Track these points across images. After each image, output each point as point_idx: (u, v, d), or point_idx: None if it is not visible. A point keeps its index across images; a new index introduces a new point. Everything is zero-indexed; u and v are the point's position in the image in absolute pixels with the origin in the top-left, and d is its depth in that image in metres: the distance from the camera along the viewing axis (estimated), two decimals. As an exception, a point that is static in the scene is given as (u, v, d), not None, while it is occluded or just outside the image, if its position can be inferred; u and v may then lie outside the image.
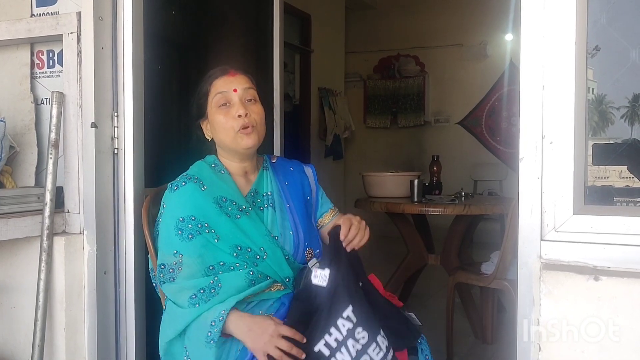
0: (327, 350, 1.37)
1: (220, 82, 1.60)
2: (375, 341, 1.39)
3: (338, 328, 1.38)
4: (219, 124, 1.58)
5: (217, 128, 1.60)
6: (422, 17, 6.85)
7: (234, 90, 1.58)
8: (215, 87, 1.60)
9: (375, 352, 1.39)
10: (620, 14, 1.46)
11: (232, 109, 1.57)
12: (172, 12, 2.27)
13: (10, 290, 1.84)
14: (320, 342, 1.37)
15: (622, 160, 2.10)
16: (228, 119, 1.57)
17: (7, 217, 1.66)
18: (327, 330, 1.38)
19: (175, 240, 1.49)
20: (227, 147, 1.61)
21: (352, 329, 1.38)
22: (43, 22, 1.85)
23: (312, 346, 1.37)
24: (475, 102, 6.05)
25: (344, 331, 1.38)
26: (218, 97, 1.58)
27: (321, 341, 1.37)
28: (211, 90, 1.60)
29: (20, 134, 1.93)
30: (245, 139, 1.57)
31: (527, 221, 1.33)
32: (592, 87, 1.81)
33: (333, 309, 1.40)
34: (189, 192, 1.54)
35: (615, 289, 1.21)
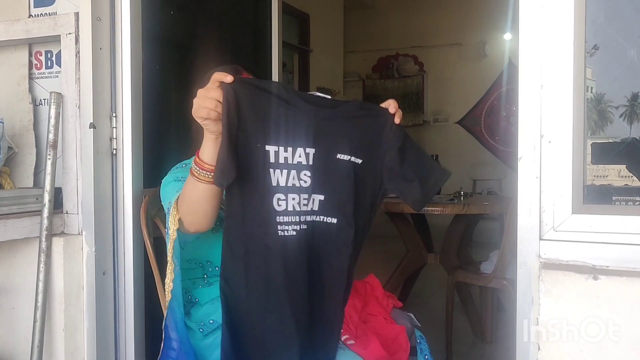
0: (274, 158, 1.28)
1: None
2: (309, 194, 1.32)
3: (294, 153, 1.30)
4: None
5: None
6: (421, 16, 6.85)
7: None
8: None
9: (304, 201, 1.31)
10: (619, 12, 1.46)
11: None
12: (171, 12, 2.27)
13: (9, 291, 1.84)
14: (273, 146, 1.28)
15: (621, 159, 2.10)
16: None
17: (6, 218, 1.66)
18: (285, 145, 1.29)
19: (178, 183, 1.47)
20: None
21: (302, 166, 1.31)
22: (41, 22, 1.85)
23: (265, 143, 1.27)
24: (474, 101, 6.06)
25: (296, 160, 1.30)
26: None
27: (274, 146, 1.28)
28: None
29: (18, 134, 1.93)
30: None
31: (526, 220, 1.33)
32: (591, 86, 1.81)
33: (306, 134, 1.31)
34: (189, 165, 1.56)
35: (614, 288, 1.22)
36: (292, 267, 1.31)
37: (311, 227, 1.33)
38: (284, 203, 1.29)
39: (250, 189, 1.27)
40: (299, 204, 1.31)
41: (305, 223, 1.32)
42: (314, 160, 1.32)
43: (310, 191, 1.32)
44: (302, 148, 1.30)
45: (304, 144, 1.31)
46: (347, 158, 1.34)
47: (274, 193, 1.28)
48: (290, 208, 1.30)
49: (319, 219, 1.34)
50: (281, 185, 1.29)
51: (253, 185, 1.27)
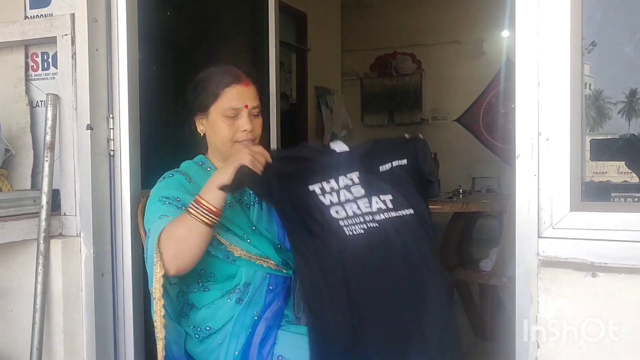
0: (320, 191, 1.40)
1: (234, 92, 1.56)
2: (369, 198, 1.39)
3: (338, 181, 1.40)
4: (221, 131, 1.58)
5: (216, 133, 1.59)
6: (419, 14, 6.84)
7: (245, 107, 1.57)
8: (228, 98, 1.56)
9: (364, 205, 1.39)
10: (615, 9, 1.46)
11: (238, 121, 1.57)
12: (167, 13, 2.27)
13: (8, 293, 1.84)
14: (316, 185, 1.41)
15: (619, 155, 2.10)
16: (232, 130, 1.57)
17: (4, 220, 1.65)
18: (327, 179, 1.41)
19: (163, 207, 1.48)
20: (221, 151, 1.62)
21: (350, 185, 1.40)
22: (37, 24, 1.85)
23: (307, 185, 1.40)
24: (472, 99, 6.05)
25: (342, 184, 1.40)
26: (229, 111, 1.56)
27: (317, 184, 1.41)
28: (222, 97, 1.56)
29: (15, 136, 1.93)
30: None
31: (524, 218, 1.32)
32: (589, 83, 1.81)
33: (341, 167, 1.41)
34: (176, 180, 1.57)
35: (612, 285, 1.21)
36: (374, 263, 1.37)
37: (385, 224, 1.38)
38: (343, 211, 1.39)
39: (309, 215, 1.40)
40: (359, 208, 1.39)
41: (375, 222, 1.38)
42: (360, 179, 1.40)
43: (368, 195, 1.39)
44: (344, 175, 1.41)
45: (345, 172, 1.41)
46: (389, 166, 1.42)
47: (330, 207, 1.40)
48: (350, 213, 1.39)
49: (399, 213, 1.38)
50: (334, 202, 1.40)
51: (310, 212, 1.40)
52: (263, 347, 1.49)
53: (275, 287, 1.59)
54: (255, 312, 1.55)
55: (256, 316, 1.54)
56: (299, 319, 1.57)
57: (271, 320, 1.54)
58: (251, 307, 1.55)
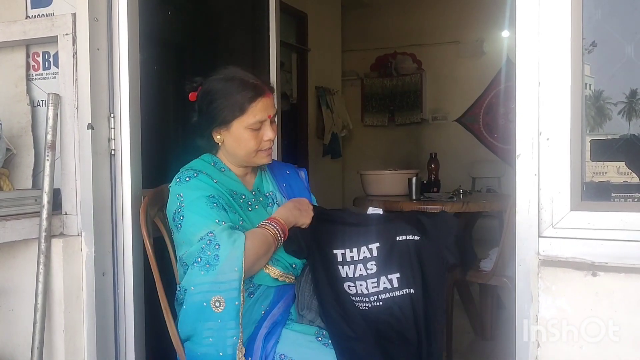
0: (341, 258, 1.63)
1: (259, 106, 1.58)
2: (377, 278, 1.60)
3: (359, 251, 1.63)
4: (247, 144, 1.60)
5: (242, 145, 1.61)
6: (419, 14, 6.84)
7: (269, 117, 1.60)
8: (254, 111, 1.57)
9: (372, 285, 1.60)
10: (616, 9, 1.46)
11: (262, 131, 1.60)
12: (168, 13, 2.27)
13: (9, 293, 1.84)
14: (339, 250, 1.63)
15: (619, 155, 2.10)
16: (257, 142, 1.60)
17: (5, 219, 1.65)
18: (350, 247, 1.63)
19: (214, 211, 1.50)
20: (243, 160, 1.64)
21: (367, 258, 1.62)
22: (38, 23, 1.85)
23: (332, 248, 1.64)
24: (472, 99, 6.06)
25: (362, 256, 1.62)
26: (255, 124, 1.58)
27: (341, 250, 1.64)
28: (248, 111, 1.57)
29: (16, 136, 1.93)
30: (266, 158, 1.66)
31: (525, 218, 1.33)
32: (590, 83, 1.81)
33: (367, 235, 1.64)
34: (205, 181, 1.58)
35: (613, 284, 1.22)
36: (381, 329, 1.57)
37: (390, 301, 1.59)
38: (354, 288, 1.61)
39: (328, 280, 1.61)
40: (367, 288, 1.60)
41: (380, 301, 1.59)
42: (378, 251, 1.63)
43: (377, 274, 1.61)
44: (366, 246, 1.63)
45: (367, 242, 1.64)
46: (404, 238, 1.63)
47: (344, 282, 1.62)
48: (359, 292, 1.60)
49: (401, 292, 1.59)
50: (349, 277, 1.62)
51: (330, 278, 1.61)
52: (267, 342, 1.50)
53: (285, 286, 1.62)
54: (264, 307, 1.57)
55: (264, 311, 1.56)
56: (302, 316, 1.58)
57: (278, 317, 1.56)
58: (260, 302, 1.57)
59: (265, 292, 1.59)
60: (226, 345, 1.43)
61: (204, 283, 1.43)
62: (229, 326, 1.42)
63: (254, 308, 1.56)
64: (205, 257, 1.43)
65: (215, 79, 1.62)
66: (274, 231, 1.53)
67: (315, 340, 1.52)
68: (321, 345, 1.50)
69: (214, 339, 1.43)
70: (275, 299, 1.60)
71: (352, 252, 1.63)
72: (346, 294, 1.61)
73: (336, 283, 1.61)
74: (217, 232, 1.45)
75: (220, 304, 1.42)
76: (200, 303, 1.43)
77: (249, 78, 1.60)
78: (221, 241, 1.44)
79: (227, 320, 1.42)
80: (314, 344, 1.50)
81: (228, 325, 1.42)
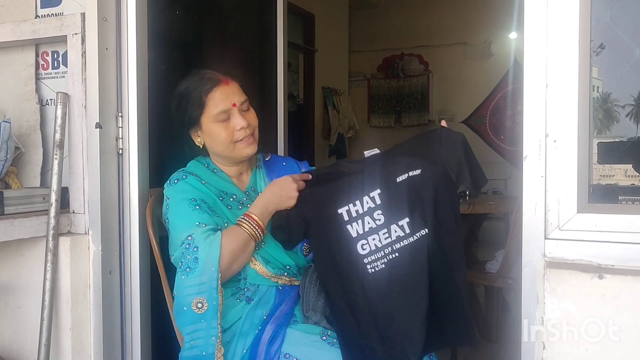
0: (347, 216, 1.53)
1: (218, 95, 1.58)
2: (387, 227, 1.50)
3: (362, 203, 1.53)
4: (219, 137, 1.60)
5: (215, 140, 1.62)
6: (426, 15, 6.83)
7: (234, 105, 1.59)
8: (214, 102, 1.58)
9: (384, 236, 1.50)
10: (624, 11, 1.46)
11: (231, 121, 1.60)
12: (176, 13, 2.28)
13: (17, 290, 1.85)
14: (343, 207, 1.53)
15: (627, 158, 2.09)
16: (229, 132, 1.60)
17: (13, 217, 1.67)
18: (353, 200, 1.53)
19: (195, 214, 1.51)
20: (225, 156, 1.64)
21: (372, 208, 1.52)
22: (47, 23, 1.86)
23: (337, 208, 1.54)
24: (479, 100, 6.03)
25: (366, 207, 1.52)
26: (220, 115, 1.58)
27: (345, 207, 1.54)
28: (208, 104, 1.59)
29: (25, 134, 1.94)
30: (247, 149, 1.63)
31: (531, 220, 1.32)
32: (597, 86, 1.81)
33: (367, 182, 1.54)
34: (192, 183, 1.60)
35: (619, 287, 1.21)
36: (396, 292, 1.48)
37: (407, 249, 1.48)
38: (367, 246, 1.51)
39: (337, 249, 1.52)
40: (380, 240, 1.50)
41: (397, 251, 1.49)
42: (381, 198, 1.52)
43: (386, 224, 1.50)
44: (367, 195, 1.53)
45: (368, 191, 1.53)
46: (405, 177, 1.51)
47: (357, 242, 1.51)
48: (373, 247, 1.50)
49: (415, 237, 1.48)
50: (360, 234, 1.51)
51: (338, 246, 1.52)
52: (271, 346, 1.50)
53: (284, 289, 1.61)
54: (265, 312, 1.56)
55: (265, 315, 1.55)
56: (308, 318, 1.58)
57: (281, 320, 1.55)
58: (260, 307, 1.56)
59: (265, 296, 1.58)
60: (209, 344, 1.44)
61: (186, 287, 1.44)
62: (212, 325, 1.44)
63: (254, 313, 1.55)
64: (186, 261, 1.45)
65: (178, 85, 1.66)
66: (249, 228, 1.51)
67: (320, 340, 1.51)
68: (326, 344, 1.49)
69: (199, 340, 1.44)
70: (277, 303, 1.59)
71: (356, 205, 1.53)
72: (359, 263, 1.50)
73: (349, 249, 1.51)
74: (195, 235, 1.47)
75: (202, 305, 1.43)
76: (181, 307, 1.45)
77: (204, 73, 1.63)
78: (199, 243, 1.45)
79: (210, 320, 1.44)
80: (318, 343, 1.50)
81: (212, 325, 1.44)
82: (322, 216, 1.55)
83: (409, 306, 1.46)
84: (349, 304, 1.50)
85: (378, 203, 1.52)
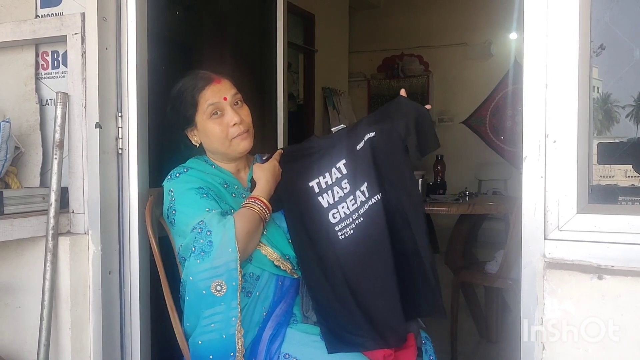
0: (317, 188, 1.62)
1: (209, 92, 1.62)
2: (353, 194, 1.57)
3: (331, 174, 1.61)
4: (214, 134, 1.62)
5: (211, 137, 1.64)
6: (426, 16, 6.84)
7: (224, 99, 1.62)
8: (205, 98, 1.62)
9: (351, 203, 1.57)
10: (624, 12, 1.46)
11: (225, 117, 1.62)
12: (176, 13, 2.28)
13: (16, 290, 1.85)
14: (314, 180, 1.63)
15: (627, 159, 2.09)
16: (223, 128, 1.62)
17: (13, 217, 1.67)
18: (323, 173, 1.63)
19: (204, 201, 1.53)
20: (222, 153, 1.67)
21: (340, 178, 1.60)
22: (47, 23, 1.86)
23: (308, 182, 1.63)
24: (479, 101, 6.03)
25: (334, 178, 1.61)
26: (210, 108, 1.61)
27: (315, 180, 1.63)
28: (200, 102, 1.62)
29: (25, 134, 1.94)
30: (243, 144, 1.65)
31: (531, 220, 1.32)
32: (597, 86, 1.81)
33: (334, 155, 1.63)
34: (195, 174, 1.62)
35: (619, 287, 1.21)
36: (363, 255, 1.54)
37: (368, 213, 1.54)
38: (337, 214, 1.59)
39: (310, 220, 1.61)
40: (348, 207, 1.58)
41: (361, 215, 1.55)
42: (346, 168, 1.60)
43: (352, 191, 1.58)
44: (335, 166, 1.62)
45: (335, 162, 1.62)
46: (362, 143, 1.57)
47: (328, 212, 1.60)
48: (342, 215, 1.58)
49: (373, 200, 1.54)
50: (330, 204, 1.60)
51: (310, 217, 1.61)
52: (272, 344, 1.50)
53: (284, 285, 1.61)
54: (264, 308, 1.56)
55: (265, 312, 1.56)
56: (308, 318, 1.58)
57: (281, 318, 1.56)
58: (260, 303, 1.56)
59: (264, 290, 1.58)
60: (229, 326, 1.44)
61: (201, 271, 1.44)
62: (232, 306, 1.44)
63: (254, 309, 1.56)
64: (199, 245, 1.45)
65: (172, 87, 1.69)
66: (259, 209, 1.54)
67: (320, 340, 1.52)
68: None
69: (219, 323, 1.44)
70: (276, 300, 1.60)
71: (325, 177, 1.62)
72: (331, 232, 1.58)
73: (320, 219, 1.59)
74: (207, 219, 1.48)
75: (221, 288, 1.43)
76: (200, 291, 1.44)
77: (197, 73, 1.66)
78: (212, 227, 1.46)
79: (229, 301, 1.44)
80: (318, 344, 1.51)
81: (231, 306, 1.44)
82: (294, 191, 1.63)
83: (375, 268, 1.52)
84: (324, 272, 1.56)
85: (344, 172, 1.60)
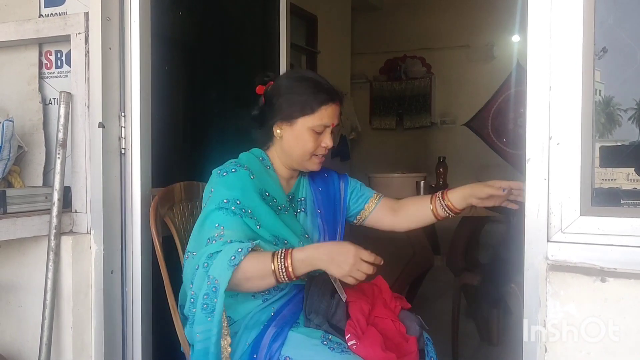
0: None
1: (330, 110, 1.62)
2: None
3: None
4: (305, 145, 1.62)
5: (300, 144, 1.63)
6: (429, 18, 6.83)
7: (332, 125, 1.64)
8: (322, 115, 1.61)
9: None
10: (628, 15, 1.46)
11: (322, 137, 1.63)
12: (179, 13, 2.28)
13: (18, 289, 1.85)
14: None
15: (629, 162, 2.09)
16: (315, 145, 1.62)
17: (16, 216, 1.67)
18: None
19: (219, 213, 1.50)
20: (295, 160, 1.66)
21: None
22: (51, 22, 1.87)
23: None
24: (481, 103, 6.02)
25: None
26: (319, 127, 1.61)
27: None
28: (317, 114, 1.61)
29: (28, 133, 1.95)
30: (317, 165, 1.68)
31: (534, 222, 1.32)
32: (600, 89, 1.80)
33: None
34: (238, 177, 1.57)
35: (621, 290, 1.21)
36: None
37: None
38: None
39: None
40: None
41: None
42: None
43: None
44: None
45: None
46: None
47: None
48: None
49: None
50: None
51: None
52: (274, 342, 1.50)
53: (296, 287, 1.62)
54: (274, 309, 1.57)
55: (273, 312, 1.56)
56: (310, 320, 1.58)
57: (288, 317, 1.56)
58: (270, 305, 1.58)
59: (282, 298, 1.60)
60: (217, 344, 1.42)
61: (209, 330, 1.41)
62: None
63: (264, 310, 1.57)
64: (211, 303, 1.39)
65: (290, 76, 1.70)
66: (277, 267, 1.40)
67: (320, 344, 1.51)
68: (327, 349, 1.49)
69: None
70: (286, 301, 1.61)
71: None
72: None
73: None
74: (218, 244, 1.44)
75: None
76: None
77: (324, 82, 1.66)
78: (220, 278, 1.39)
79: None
80: (319, 347, 1.50)
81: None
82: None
83: None
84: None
85: None
